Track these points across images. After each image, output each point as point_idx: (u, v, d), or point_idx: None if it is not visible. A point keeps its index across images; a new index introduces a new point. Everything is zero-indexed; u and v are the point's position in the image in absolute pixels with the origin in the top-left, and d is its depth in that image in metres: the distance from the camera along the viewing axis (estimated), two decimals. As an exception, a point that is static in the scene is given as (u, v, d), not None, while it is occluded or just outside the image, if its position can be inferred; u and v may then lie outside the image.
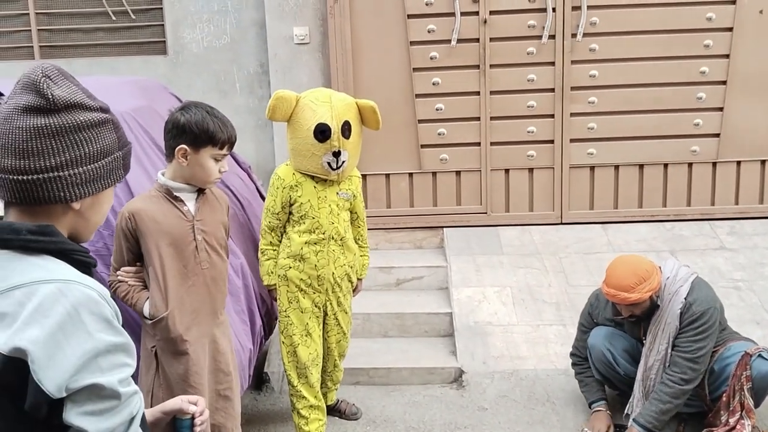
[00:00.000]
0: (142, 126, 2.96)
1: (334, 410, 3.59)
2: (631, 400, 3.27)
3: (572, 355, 3.51)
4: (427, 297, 4.52)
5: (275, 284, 3.21)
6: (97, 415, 1.16)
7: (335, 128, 3.02)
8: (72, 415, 1.15)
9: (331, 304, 3.28)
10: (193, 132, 2.42)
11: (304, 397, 3.25)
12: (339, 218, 3.18)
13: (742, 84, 4.83)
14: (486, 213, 5.07)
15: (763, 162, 4.93)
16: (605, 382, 3.43)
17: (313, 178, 3.13)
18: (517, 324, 4.13)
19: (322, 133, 3.02)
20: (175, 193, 2.50)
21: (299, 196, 3.11)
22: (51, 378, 1.12)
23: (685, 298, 3.08)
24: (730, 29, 4.77)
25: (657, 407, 3.08)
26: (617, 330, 3.33)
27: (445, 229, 5.04)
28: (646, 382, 3.19)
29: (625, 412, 3.29)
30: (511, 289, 4.40)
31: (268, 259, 3.20)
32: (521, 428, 3.43)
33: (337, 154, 3.06)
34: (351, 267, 3.29)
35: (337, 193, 3.18)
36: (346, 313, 3.36)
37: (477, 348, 3.97)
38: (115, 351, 1.18)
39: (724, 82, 4.83)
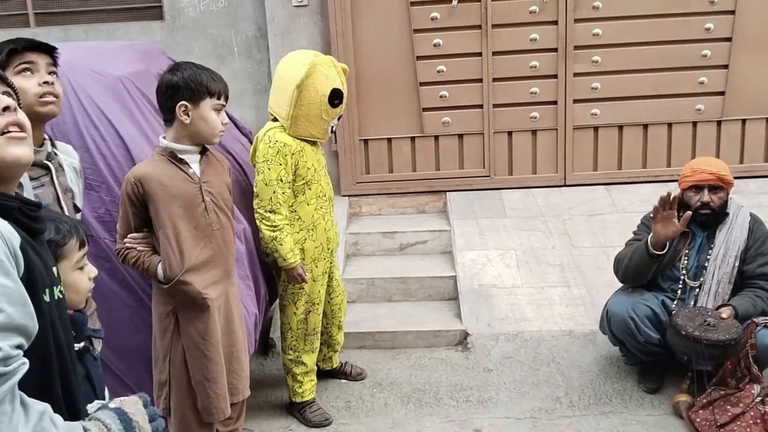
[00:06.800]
0: (141, 90, 2.92)
1: (339, 373, 3.60)
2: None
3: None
4: (431, 261, 4.51)
5: (300, 260, 3.08)
6: None
7: (345, 93, 3.04)
8: None
9: (333, 265, 3.30)
10: (190, 87, 2.42)
11: (303, 363, 3.25)
12: (327, 177, 3.20)
13: (747, 40, 4.75)
14: (489, 176, 5.03)
15: (768, 120, 4.88)
16: (621, 347, 3.41)
17: (307, 141, 3.08)
18: (521, 286, 4.12)
19: (337, 97, 3.02)
20: (179, 156, 2.48)
21: (305, 162, 3.04)
22: None
23: (750, 214, 3.29)
24: (736, -16, 4.69)
25: (750, 305, 3.12)
26: (640, 298, 3.25)
27: (448, 193, 5.01)
28: (715, 296, 3.18)
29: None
30: (515, 251, 4.39)
31: (288, 235, 3.00)
32: (526, 388, 3.45)
33: (339, 118, 3.09)
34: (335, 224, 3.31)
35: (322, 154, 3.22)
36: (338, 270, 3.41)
37: (481, 310, 3.97)
38: None
39: (729, 39, 4.75)
